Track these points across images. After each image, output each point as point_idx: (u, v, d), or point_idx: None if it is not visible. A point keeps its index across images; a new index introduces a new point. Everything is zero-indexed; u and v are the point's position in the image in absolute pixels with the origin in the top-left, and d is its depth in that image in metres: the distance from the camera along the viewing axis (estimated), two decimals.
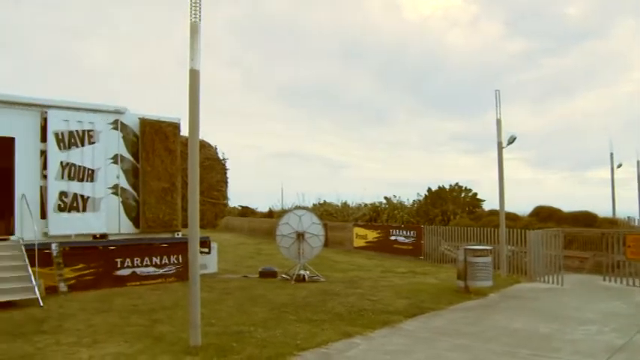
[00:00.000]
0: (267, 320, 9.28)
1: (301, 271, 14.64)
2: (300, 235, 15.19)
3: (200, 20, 7.42)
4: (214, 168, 17.11)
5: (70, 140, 13.22)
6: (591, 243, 17.43)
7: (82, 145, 13.40)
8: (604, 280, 14.53)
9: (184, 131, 14.28)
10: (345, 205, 35.42)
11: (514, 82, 71.84)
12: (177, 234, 14.93)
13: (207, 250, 15.41)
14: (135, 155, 14.34)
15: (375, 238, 23.85)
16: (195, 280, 7.50)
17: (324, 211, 33.04)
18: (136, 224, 14.25)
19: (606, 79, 76.15)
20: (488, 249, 12.95)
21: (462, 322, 9.49)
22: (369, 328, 8.83)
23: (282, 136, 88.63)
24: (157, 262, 14.12)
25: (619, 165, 29.04)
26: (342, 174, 78.35)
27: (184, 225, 13.72)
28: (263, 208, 46.63)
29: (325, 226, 17.79)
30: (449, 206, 27.92)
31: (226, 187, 17.64)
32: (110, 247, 13.52)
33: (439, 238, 20.20)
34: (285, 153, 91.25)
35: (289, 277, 14.65)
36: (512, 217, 20.92)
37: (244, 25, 76.78)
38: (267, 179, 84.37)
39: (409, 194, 48.69)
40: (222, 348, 7.29)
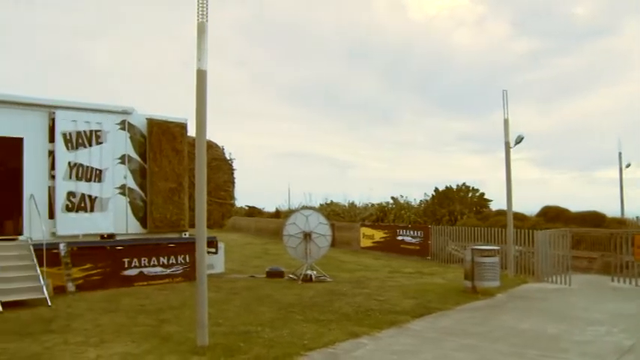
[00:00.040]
0: (275, 320, 9.28)
1: (308, 271, 14.64)
2: (307, 235, 15.19)
3: (207, 20, 7.43)
4: (221, 168, 17.13)
5: (78, 140, 13.27)
6: (599, 243, 17.34)
7: (90, 146, 13.45)
8: (612, 281, 14.45)
9: (191, 131, 14.33)
10: (352, 205, 35.38)
11: (521, 82, 71.48)
12: (185, 234, 14.95)
13: (214, 250, 15.41)
14: (142, 155, 14.38)
15: (382, 238, 23.82)
16: (203, 280, 7.51)
17: (331, 211, 33.01)
18: (144, 224, 14.29)
19: (614, 78, 75.62)
20: (495, 249, 12.91)
21: (470, 322, 9.46)
22: (376, 328, 8.81)
23: (289, 136, 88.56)
24: (165, 262, 14.15)
25: (628, 165, 28.85)
26: (348, 174, 78.18)
27: (192, 225, 13.75)
28: (270, 208, 46.64)
29: (332, 226, 17.78)
30: (456, 206, 27.84)
31: (233, 187, 17.66)
32: (118, 247, 13.56)
33: (446, 238, 20.16)
34: (292, 153, 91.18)
35: (296, 277, 14.66)
36: (519, 217, 20.83)
37: (251, 26, 76.80)
38: (274, 179, 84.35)
39: (416, 194, 48.61)
40: (229, 348, 7.30)
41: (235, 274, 15.93)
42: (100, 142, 13.61)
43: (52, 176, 12.94)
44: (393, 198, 32.79)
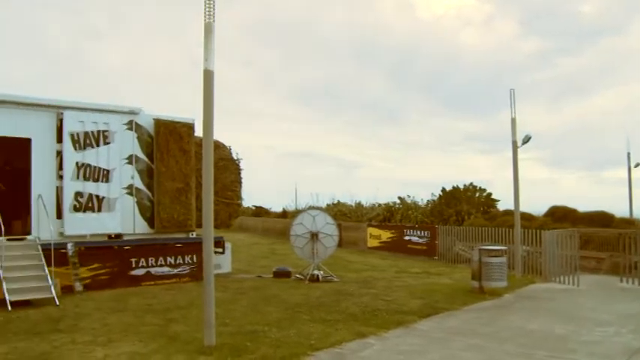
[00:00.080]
0: (281, 320, 9.28)
1: (315, 271, 14.64)
2: (314, 235, 15.19)
3: (214, 21, 7.44)
4: (228, 168, 17.16)
5: (86, 141, 13.32)
6: (608, 243, 17.26)
7: (97, 146, 13.49)
8: (621, 282, 14.37)
9: (199, 131, 14.36)
10: (359, 205, 35.35)
11: (529, 81, 71.25)
12: (192, 234, 14.98)
13: (221, 250, 15.44)
14: (149, 156, 14.41)
15: (389, 238, 23.79)
16: (210, 280, 7.52)
17: (337, 211, 33.00)
18: (151, 224, 14.33)
19: (623, 76, 75.22)
20: (502, 249, 12.87)
21: (477, 322, 9.43)
22: (383, 328, 8.80)
23: (296, 136, 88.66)
24: (172, 262, 14.18)
25: (636, 164, 28.64)
26: (355, 174, 78.17)
27: (198, 225, 13.78)
28: (277, 208, 46.68)
29: (339, 226, 17.78)
30: (463, 206, 27.77)
31: (240, 187, 17.69)
32: (125, 247, 13.60)
33: (453, 238, 20.11)
34: (299, 153, 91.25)
35: (303, 277, 14.65)
36: (527, 217, 20.75)
37: (258, 26, 76.95)
38: (280, 179, 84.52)
39: (423, 194, 48.51)
40: (236, 348, 7.30)
41: (242, 274, 15.95)
42: (108, 143, 13.65)
43: (60, 176, 13.00)
44: (400, 198, 32.76)
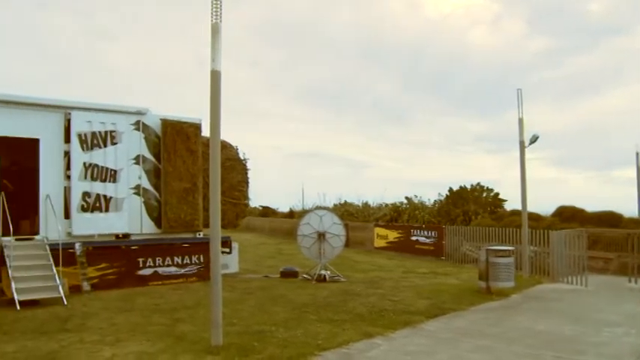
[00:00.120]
0: (289, 320, 9.28)
1: (322, 271, 14.64)
2: (321, 235, 15.19)
3: (221, 21, 7.45)
4: (235, 168, 17.18)
5: (93, 141, 13.37)
6: (616, 244, 17.16)
7: (105, 146, 13.54)
8: (629, 282, 14.30)
9: (206, 132, 14.38)
10: (366, 206, 35.32)
11: (536, 81, 71.03)
12: (199, 234, 15.00)
13: (228, 250, 15.47)
14: (157, 156, 14.45)
15: (396, 238, 23.75)
16: (217, 280, 7.52)
17: (344, 212, 32.98)
18: (158, 224, 14.36)
19: (631, 76, 74.83)
20: (510, 249, 12.83)
21: (484, 323, 9.40)
22: (390, 328, 8.78)
23: (303, 136, 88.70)
24: (179, 261, 14.22)
25: None
26: (363, 174, 78.11)
27: (206, 225, 13.81)
28: (284, 208, 46.70)
29: (346, 227, 17.76)
30: (470, 206, 27.70)
31: (247, 187, 17.70)
32: (132, 247, 13.64)
33: (460, 238, 20.06)
34: (306, 153, 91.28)
35: (310, 277, 14.66)
36: (534, 218, 20.68)
37: (265, 26, 77.06)
38: (288, 179, 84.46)
39: (430, 194, 48.40)
40: (243, 347, 7.31)
41: (249, 274, 15.97)
42: (115, 143, 13.70)
43: (68, 176, 13.05)
44: (407, 198, 32.74)
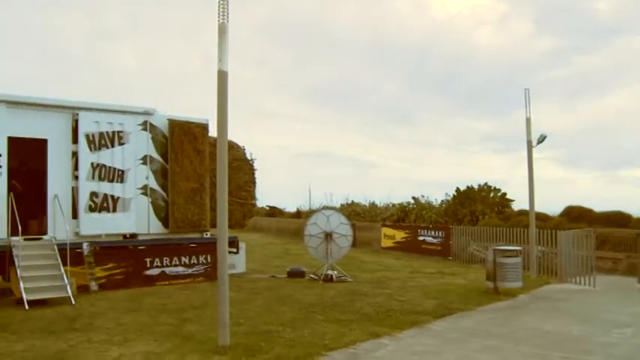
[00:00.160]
0: (295, 320, 9.28)
1: (329, 271, 14.63)
2: (328, 235, 15.18)
3: (228, 21, 7.46)
4: (242, 168, 17.19)
5: (101, 141, 13.41)
6: (625, 244, 17.10)
7: (112, 147, 13.58)
8: (638, 282, 14.20)
9: (213, 132, 14.41)
10: (373, 206, 35.33)
11: (543, 80, 70.64)
12: (206, 234, 15.02)
13: (235, 250, 15.47)
14: (164, 156, 14.47)
15: (403, 238, 23.72)
16: (224, 280, 7.53)
17: (351, 212, 32.99)
18: (165, 224, 14.38)
19: (639, 75, 74.39)
20: (517, 249, 12.79)
21: (492, 323, 9.37)
22: (397, 328, 8.77)
23: (310, 136, 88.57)
24: (186, 261, 14.24)
25: None
26: (369, 174, 77.95)
27: (213, 225, 13.80)
28: (291, 208, 46.82)
29: (353, 227, 17.74)
30: (477, 206, 27.65)
31: (254, 187, 17.71)
32: (140, 247, 13.68)
33: (468, 238, 20.01)
34: (313, 153, 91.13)
35: (317, 277, 14.66)
36: (542, 218, 20.63)
37: (272, 26, 77.07)
38: (295, 179, 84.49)
39: (437, 194, 48.39)
40: (250, 347, 7.31)
41: (256, 274, 15.99)
42: (122, 143, 13.74)
43: (76, 177, 13.09)
44: (414, 198, 32.75)
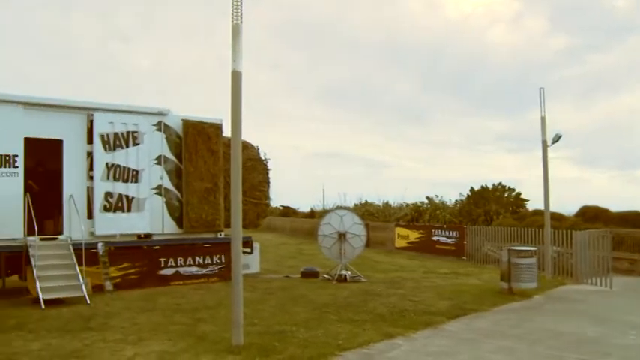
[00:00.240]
0: (309, 320, 9.28)
1: (343, 271, 14.61)
2: (342, 235, 15.16)
3: (242, 22, 7.47)
4: (256, 168, 17.26)
5: (115, 142, 13.51)
6: None
7: (127, 147, 13.67)
8: None
9: (227, 132, 14.45)
10: (387, 206, 35.25)
11: (557, 79, 70.20)
12: (220, 234, 15.06)
13: (249, 250, 15.49)
14: (178, 156, 14.54)
15: (417, 238, 23.64)
16: (238, 280, 7.55)
17: (365, 212, 32.94)
18: (180, 224, 14.44)
19: None
20: (532, 250, 12.69)
21: (506, 323, 9.31)
22: (411, 328, 8.74)
23: (324, 137, 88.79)
24: (200, 261, 14.30)
25: None
26: (383, 174, 78.03)
27: (227, 225, 13.85)
28: (304, 208, 46.82)
29: (367, 227, 17.72)
30: (492, 206, 27.49)
31: (268, 187, 17.79)
32: (154, 247, 13.76)
33: (482, 238, 19.90)
34: (327, 153, 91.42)
35: (331, 277, 14.65)
36: (557, 218, 20.45)
37: (286, 27, 77.33)
38: (308, 180, 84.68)
39: (451, 194, 48.09)
40: (264, 347, 7.33)
41: (270, 274, 16.01)
42: (137, 144, 13.83)
43: (91, 177, 13.20)
44: (428, 198, 32.64)
